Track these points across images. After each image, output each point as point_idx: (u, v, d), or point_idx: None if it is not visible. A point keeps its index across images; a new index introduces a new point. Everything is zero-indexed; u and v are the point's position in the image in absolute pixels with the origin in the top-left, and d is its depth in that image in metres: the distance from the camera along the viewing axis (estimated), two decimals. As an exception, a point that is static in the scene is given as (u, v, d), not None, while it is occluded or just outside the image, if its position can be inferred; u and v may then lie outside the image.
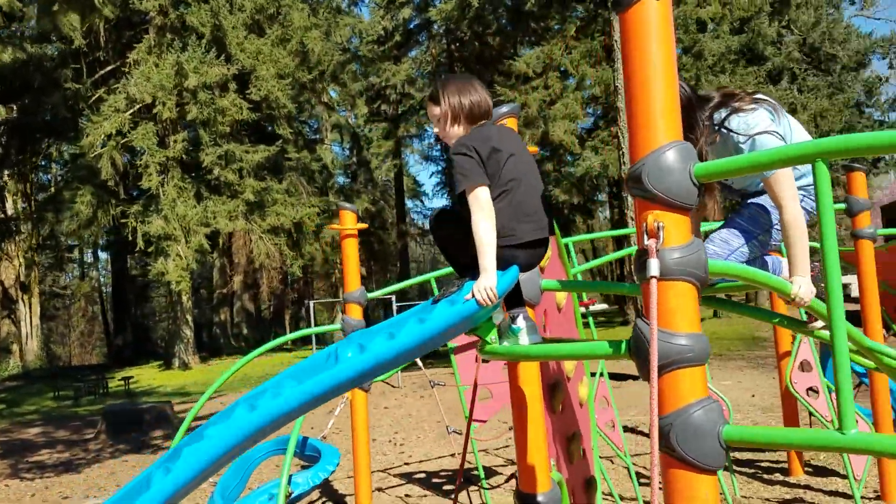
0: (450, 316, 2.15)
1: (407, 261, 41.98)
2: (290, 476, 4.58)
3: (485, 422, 5.58)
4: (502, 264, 2.25)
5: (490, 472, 6.98)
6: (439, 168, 47.38)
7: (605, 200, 32.41)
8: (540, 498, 2.81)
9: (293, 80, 20.83)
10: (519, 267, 2.34)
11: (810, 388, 5.13)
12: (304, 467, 5.08)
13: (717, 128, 2.71)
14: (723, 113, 2.70)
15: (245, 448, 2.14)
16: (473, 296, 2.15)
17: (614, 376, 10.66)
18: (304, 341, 39.00)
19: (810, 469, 6.33)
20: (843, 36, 26.25)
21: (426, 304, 2.38)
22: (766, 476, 6.31)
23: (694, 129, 2.65)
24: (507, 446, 7.89)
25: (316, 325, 46.54)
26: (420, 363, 6.80)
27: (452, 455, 7.70)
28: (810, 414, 5.41)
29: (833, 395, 5.04)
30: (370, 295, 5.43)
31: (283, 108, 20.94)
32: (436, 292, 6.00)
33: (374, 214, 37.08)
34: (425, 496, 6.17)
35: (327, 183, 28.79)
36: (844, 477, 6.06)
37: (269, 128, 23.63)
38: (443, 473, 6.98)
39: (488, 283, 2.14)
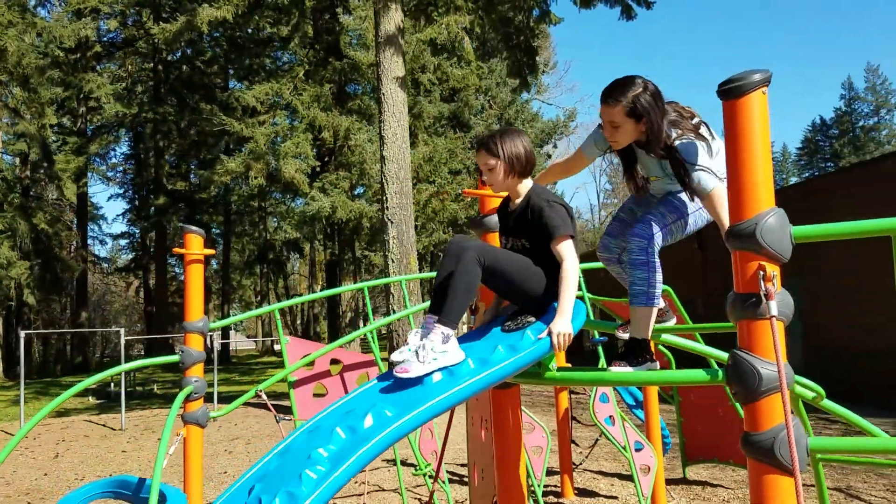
0: (529, 355, 2.31)
1: (86, 289, 37.65)
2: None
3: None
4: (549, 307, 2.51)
5: None
6: (123, 191, 43.72)
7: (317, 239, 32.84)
8: (522, 520, 3.01)
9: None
10: None
11: (608, 417, 5.98)
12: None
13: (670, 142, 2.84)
14: (672, 132, 2.81)
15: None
16: (549, 336, 2.38)
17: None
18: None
19: (577, 490, 7.24)
20: (531, 116, 30.57)
21: (496, 331, 2.49)
22: (542, 499, 7.05)
23: (656, 129, 2.74)
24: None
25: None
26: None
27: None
28: (606, 437, 6.30)
29: (625, 423, 5.94)
30: (212, 325, 5.05)
31: (-35, 107, 17.80)
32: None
33: (50, 236, 32.72)
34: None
35: (7, 197, 24.77)
36: (607, 497, 7.08)
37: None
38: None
39: (567, 329, 2.38)
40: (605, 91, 2.77)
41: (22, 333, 12.22)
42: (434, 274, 2.69)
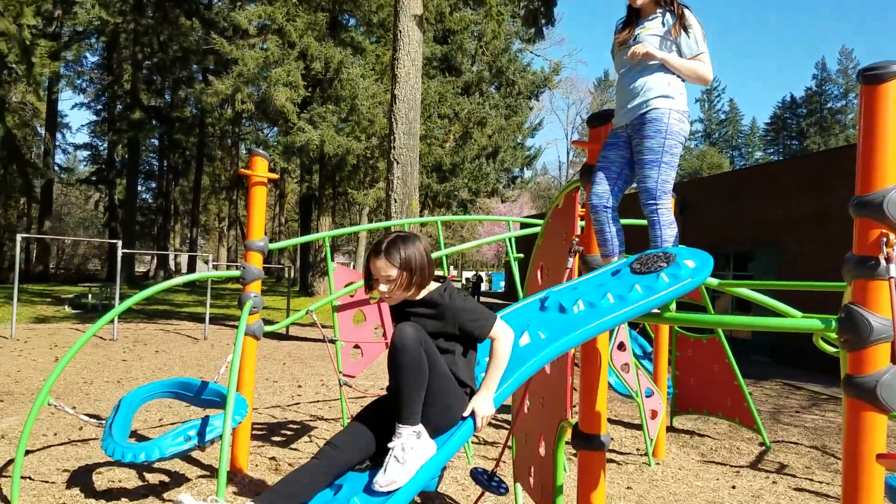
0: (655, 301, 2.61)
1: (51, 198, 36.83)
2: (208, 418, 4.30)
3: (354, 377, 5.75)
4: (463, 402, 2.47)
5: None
6: (88, 101, 42.65)
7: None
8: (602, 438, 3.41)
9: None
10: None
11: (624, 364, 6.37)
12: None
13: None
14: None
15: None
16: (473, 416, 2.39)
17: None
18: None
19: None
20: (522, 67, 30.39)
21: (626, 271, 2.79)
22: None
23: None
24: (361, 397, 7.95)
25: None
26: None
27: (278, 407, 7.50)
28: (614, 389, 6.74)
29: (639, 370, 6.35)
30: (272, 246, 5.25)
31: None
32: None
33: (19, 140, 31.73)
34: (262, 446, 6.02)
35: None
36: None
37: None
38: (273, 423, 6.82)
39: (490, 410, 2.41)
40: None
41: (18, 237, 12.03)
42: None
